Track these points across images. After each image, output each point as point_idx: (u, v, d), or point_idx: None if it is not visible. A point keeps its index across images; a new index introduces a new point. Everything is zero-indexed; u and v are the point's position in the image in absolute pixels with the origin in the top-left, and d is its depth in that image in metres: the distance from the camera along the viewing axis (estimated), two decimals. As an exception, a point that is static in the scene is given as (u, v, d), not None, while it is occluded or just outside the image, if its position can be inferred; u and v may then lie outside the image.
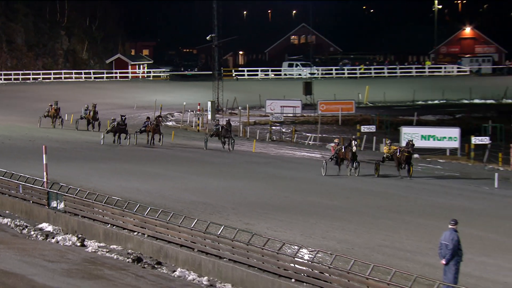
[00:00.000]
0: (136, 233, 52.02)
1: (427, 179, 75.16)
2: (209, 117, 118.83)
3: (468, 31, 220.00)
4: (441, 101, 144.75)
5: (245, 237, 45.44)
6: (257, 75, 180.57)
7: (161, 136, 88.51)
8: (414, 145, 71.77)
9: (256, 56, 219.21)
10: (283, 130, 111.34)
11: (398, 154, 69.86)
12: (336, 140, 71.16)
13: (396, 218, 56.61)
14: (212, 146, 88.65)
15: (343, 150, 68.32)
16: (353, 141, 69.49)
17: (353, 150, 68.19)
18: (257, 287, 43.10)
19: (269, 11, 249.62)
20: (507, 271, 42.64)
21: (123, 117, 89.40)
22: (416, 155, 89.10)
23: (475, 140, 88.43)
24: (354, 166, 68.88)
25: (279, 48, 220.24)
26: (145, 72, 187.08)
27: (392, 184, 70.72)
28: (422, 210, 59.15)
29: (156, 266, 47.99)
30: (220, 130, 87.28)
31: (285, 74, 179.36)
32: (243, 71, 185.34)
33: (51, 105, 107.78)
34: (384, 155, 71.43)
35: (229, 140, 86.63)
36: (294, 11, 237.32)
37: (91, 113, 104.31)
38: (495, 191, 69.35)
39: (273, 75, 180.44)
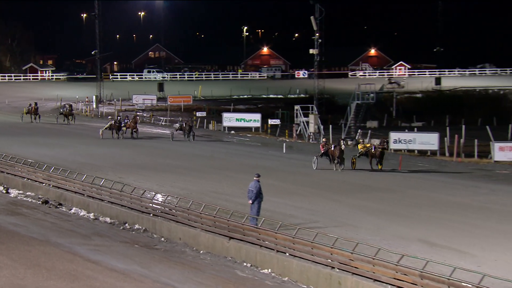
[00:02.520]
0: (44, 184, 51.75)
1: (239, 147, 75.40)
2: (94, 106, 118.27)
3: (265, 50, 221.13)
4: (249, 96, 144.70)
5: (119, 186, 45.58)
6: (126, 78, 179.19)
7: (137, 131, 79.29)
8: (388, 142, 61.53)
9: (126, 65, 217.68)
10: (144, 114, 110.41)
11: (373, 150, 57.05)
12: (323, 139, 60.38)
13: (220, 173, 56.88)
14: (82, 124, 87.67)
15: (333, 148, 56.14)
16: (342, 141, 57.33)
17: (342, 149, 56.09)
18: (127, 220, 43.27)
19: (134, 35, 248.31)
20: (291, 207, 43.57)
21: (119, 118, 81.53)
22: (232, 132, 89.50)
23: (270, 121, 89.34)
24: (340, 162, 56.52)
25: (141, 60, 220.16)
26: (50, 76, 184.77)
27: (216, 151, 70.88)
28: (237, 168, 59.51)
29: (58, 206, 47.90)
30: (184, 125, 79.56)
31: (145, 78, 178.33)
32: (117, 75, 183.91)
33: (31, 104, 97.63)
34: (359, 151, 58.53)
35: (191, 133, 78.58)
36: (151, 36, 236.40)
37: (67, 110, 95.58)
38: (283, 155, 69.82)
39: (137, 78, 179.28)
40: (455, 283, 27.19)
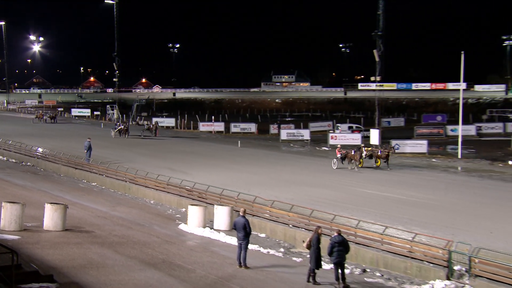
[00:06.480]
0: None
1: (80, 125, 71.98)
2: (5, 105, 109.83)
3: (92, 78, 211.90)
4: (84, 100, 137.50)
5: (19, 144, 43.48)
6: (22, 91, 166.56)
7: (128, 133, 56.88)
8: (393, 148, 41.67)
9: (22, 85, 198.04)
10: (33, 110, 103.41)
11: (379, 153, 38.01)
12: (339, 146, 40.48)
13: (71, 137, 54.40)
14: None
15: (353, 153, 37.34)
16: (363, 148, 38.28)
17: (363, 154, 37.49)
18: (24, 160, 41.41)
19: (25, 70, 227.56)
20: (107, 153, 42.04)
21: (127, 123, 61.01)
22: (76, 118, 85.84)
23: (95, 112, 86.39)
24: (357, 164, 37.07)
25: (29, 83, 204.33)
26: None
27: (68, 127, 67.81)
28: (79, 134, 56.36)
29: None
30: (151, 126, 60.49)
31: (31, 91, 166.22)
32: (17, 90, 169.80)
33: (39, 111, 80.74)
34: (363, 153, 37.63)
35: (156, 131, 59.01)
36: (34, 71, 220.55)
37: (54, 115, 77.41)
38: (101, 129, 65.98)
39: (27, 91, 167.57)
40: (183, 187, 27.95)
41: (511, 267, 15.49)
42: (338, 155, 37.63)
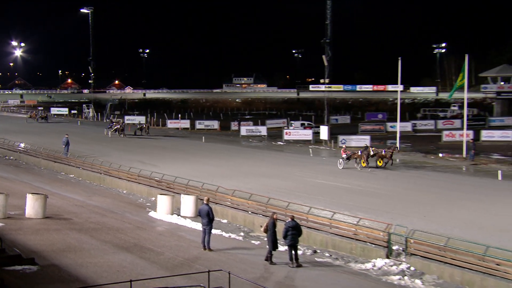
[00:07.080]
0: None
1: (58, 123, 70.37)
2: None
3: (69, 80, 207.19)
4: (62, 100, 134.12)
5: (2, 141, 42.12)
6: (5, 92, 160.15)
7: (124, 132, 52.39)
8: (397, 147, 36.89)
9: (5, 87, 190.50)
10: (15, 109, 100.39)
11: (384, 152, 33.45)
12: (344, 146, 37.19)
13: (51, 134, 52.96)
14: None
15: (360, 153, 33.51)
16: (370, 148, 34.10)
17: (371, 154, 33.25)
18: (7, 154, 40.60)
19: (8, 73, 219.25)
20: (84, 149, 40.86)
21: (123, 123, 55.68)
22: (55, 116, 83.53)
23: (72, 111, 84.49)
24: (363, 163, 33.22)
25: (12, 84, 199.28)
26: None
27: (49, 125, 66.03)
28: (58, 131, 54.83)
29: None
30: (144, 126, 55.30)
31: (14, 92, 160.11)
32: (0, 92, 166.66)
33: (32, 111, 75.98)
34: (371, 153, 33.30)
35: (148, 130, 54.15)
36: (16, 73, 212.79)
37: (45, 114, 72.40)
38: (79, 126, 64.25)
39: (10, 92, 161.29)
40: (153, 178, 27.59)
41: (441, 246, 15.98)
42: (344, 155, 33.97)
